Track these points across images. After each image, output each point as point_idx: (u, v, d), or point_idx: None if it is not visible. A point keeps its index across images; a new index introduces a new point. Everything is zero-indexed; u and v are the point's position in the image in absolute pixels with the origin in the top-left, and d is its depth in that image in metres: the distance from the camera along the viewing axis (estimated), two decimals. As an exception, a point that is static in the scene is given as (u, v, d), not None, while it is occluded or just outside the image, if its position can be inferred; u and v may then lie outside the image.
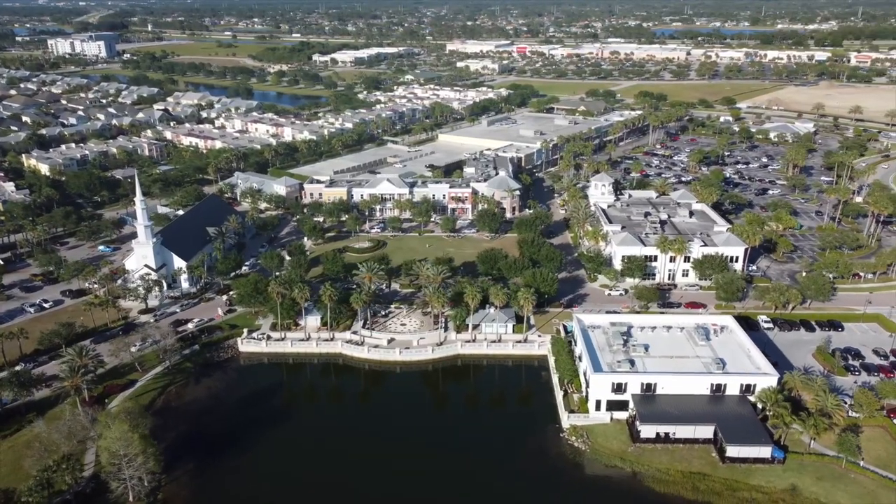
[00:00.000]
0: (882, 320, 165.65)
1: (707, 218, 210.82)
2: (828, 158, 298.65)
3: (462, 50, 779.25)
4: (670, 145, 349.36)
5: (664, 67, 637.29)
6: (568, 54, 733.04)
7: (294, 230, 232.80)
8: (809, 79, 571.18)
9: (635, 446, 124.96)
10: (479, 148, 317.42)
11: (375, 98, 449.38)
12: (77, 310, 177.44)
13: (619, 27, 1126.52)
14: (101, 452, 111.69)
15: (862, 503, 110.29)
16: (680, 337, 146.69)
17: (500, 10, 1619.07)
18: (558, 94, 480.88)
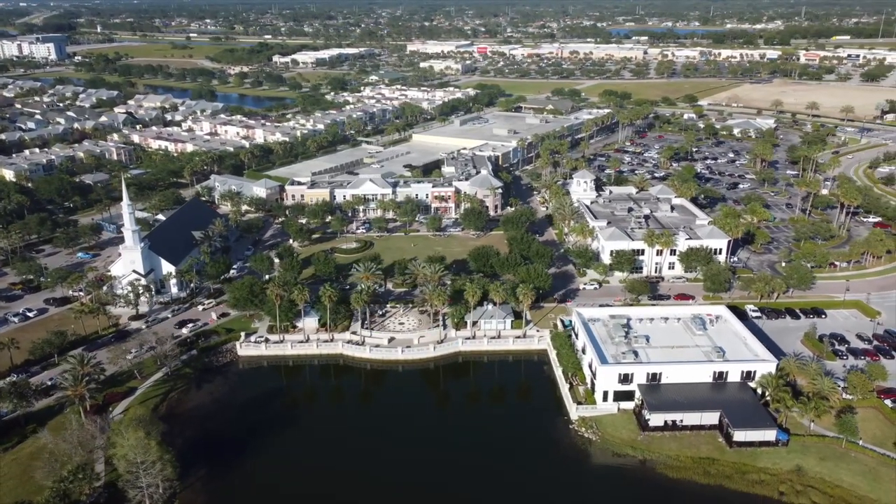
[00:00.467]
0: (861, 306, 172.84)
1: (688, 212, 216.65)
2: (792, 153, 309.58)
3: (423, 50, 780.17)
4: (639, 142, 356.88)
5: (623, 66, 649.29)
6: (528, 54, 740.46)
7: (278, 232, 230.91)
8: (763, 76, 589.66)
9: (644, 435, 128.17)
10: (453, 147, 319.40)
11: (343, 99, 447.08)
12: (64, 318, 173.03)
13: (575, 27, 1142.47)
14: (118, 461, 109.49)
15: (864, 480, 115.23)
16: (677, 327, 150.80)
17: (456, 10, 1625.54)
18: (524, 93, 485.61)
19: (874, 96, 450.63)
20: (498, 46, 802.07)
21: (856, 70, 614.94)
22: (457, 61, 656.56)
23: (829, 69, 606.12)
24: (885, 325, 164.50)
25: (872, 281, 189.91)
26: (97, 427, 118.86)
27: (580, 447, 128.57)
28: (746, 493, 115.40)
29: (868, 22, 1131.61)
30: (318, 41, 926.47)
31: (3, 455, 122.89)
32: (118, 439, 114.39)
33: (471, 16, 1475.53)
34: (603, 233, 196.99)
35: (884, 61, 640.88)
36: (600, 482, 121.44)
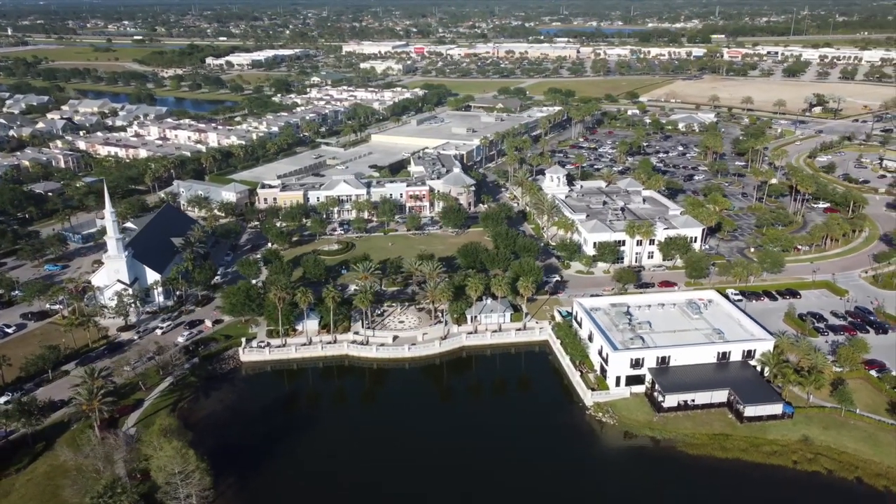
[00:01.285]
0: (830, 286, 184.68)
1: (658, 203, 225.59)
2: (738, 145, 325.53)
3: (360, 51, 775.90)
4: (591, 138, 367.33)
5: (560, 65, 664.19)
6: (465, 54, 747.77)
7: (254, 236, 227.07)
8: (693, 73, 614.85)
9: (659, 416, 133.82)
10: (414, 147, 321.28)
11: (291, 101, 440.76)
12: (46, 333, 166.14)
13: (504, 27, 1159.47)
14: (157, 472, 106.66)
15: (866, 445, 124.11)
16: (674, 312, 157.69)
17: (383, 11, 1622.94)
18: (469, 92, 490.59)
19: (799, 90, 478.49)
20: (434, 47, 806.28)
21: (776, 66, 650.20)
22: (397, 62, 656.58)
23: (753, 65, 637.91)
24: (853, 302, 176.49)
25: (834, 262, 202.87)
26: (122, 440, 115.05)
27: (600, 431, 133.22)
28: (763, 464, 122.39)
29: (778, 21, 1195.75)
30: (249, 42, 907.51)
31: (17, 476, 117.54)
32: (148, 450, 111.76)
33: (399, 16, 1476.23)
34: (585, 225, 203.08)
35: (800, 58, 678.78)
36: (627, 462, 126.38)
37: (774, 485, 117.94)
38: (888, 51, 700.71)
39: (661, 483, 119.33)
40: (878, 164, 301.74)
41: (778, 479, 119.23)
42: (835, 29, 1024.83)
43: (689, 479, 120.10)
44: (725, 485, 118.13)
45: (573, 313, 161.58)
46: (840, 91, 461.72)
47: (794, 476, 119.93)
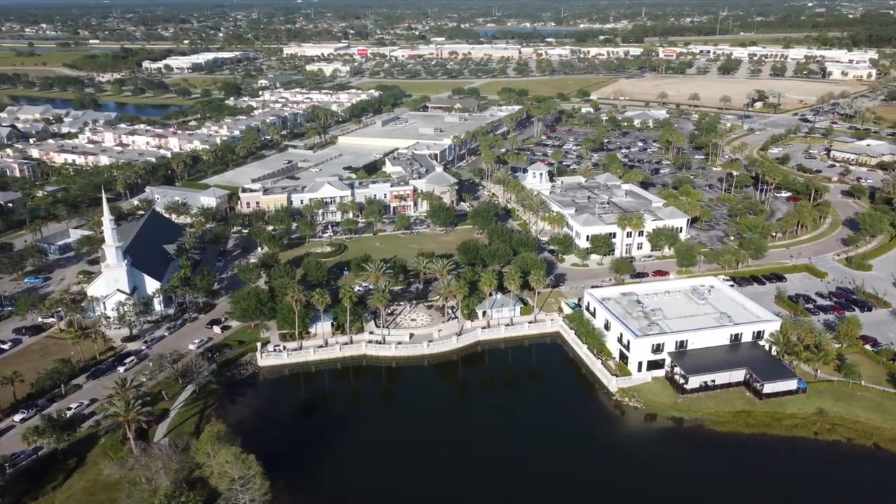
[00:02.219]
0: (810, 269, 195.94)
1: (640, 196, 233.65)
2: (696, 139, 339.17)
3: (302, 53, 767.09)
4: (553, 136, 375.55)
5: (505, 66, 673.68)
6: (409, 55, 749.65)
7: (240, 241, 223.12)
8: (633, 71, 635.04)
9: (683, 397, 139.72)
10: (383, 148, 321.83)
11: (246, 104, 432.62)
12: (45, 347, 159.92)
13: (441, 28, 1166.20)
14: (218, 479, 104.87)
15: (876, 414, 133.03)
16: (681, 299, 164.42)
17: (314, 13, 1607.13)
18: (421, 93, 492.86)
19: (737, 87, 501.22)
20: (377, 48, 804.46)
21: (709, 64, 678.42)
22: (343, 63, 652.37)
23: (688, 64, 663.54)
24: (834, 283, 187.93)
25: (808, 247, 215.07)
26: (169, 449, 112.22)
27: (629, 415, 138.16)
28: (787, 437, 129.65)
29: (702, 21, 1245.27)
30: (183, 45, 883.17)
31: (54, 494, 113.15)
32: (201, 458, 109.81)
33: (331, 18, 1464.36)
34: (577, 219, 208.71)
35: (731, 56, 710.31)
36: (661, 441, 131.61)
37: (802, 455, 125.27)
38: (810, 49, 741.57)
39: (697, 458, 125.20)
40: (826, 154, 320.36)
41: (804, 449, 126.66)
42: (756, 29, 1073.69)
43: (722, 454, 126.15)
44: (757, 458, 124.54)
45: (585, 304, 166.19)
46: (773, 87, 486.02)
47: (818, 446, 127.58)
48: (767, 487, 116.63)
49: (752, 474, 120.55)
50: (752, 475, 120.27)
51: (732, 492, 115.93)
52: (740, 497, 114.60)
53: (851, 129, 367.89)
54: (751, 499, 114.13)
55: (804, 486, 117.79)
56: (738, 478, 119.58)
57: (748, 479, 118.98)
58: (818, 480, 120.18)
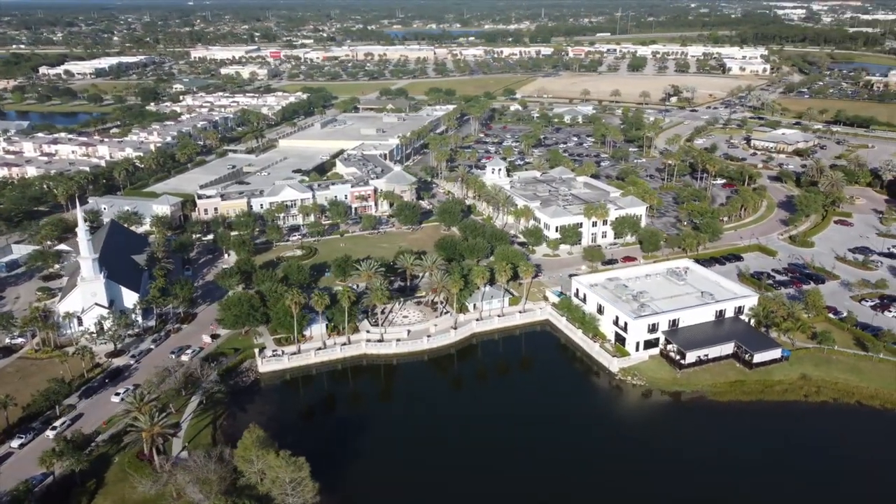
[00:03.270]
0: (762, 248, 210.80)
1: (597, 188, 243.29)
2: (628, 132, 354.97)
3: (211, 56, 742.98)
4: (489, 133, 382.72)
5: (423, 66, 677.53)
6: (324, 57, 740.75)
7: (204, 249, 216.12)
8: (549, 70, 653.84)
9: (681, 372, 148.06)
10: (328, 149, 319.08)
11: (170, 109, 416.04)
12: (22, 368, 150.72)
13: (348, 30, 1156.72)
14: (271, 484, 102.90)
15: (852, 375, 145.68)
16: (662, 281, 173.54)
17: (211, 15, 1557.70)
18: (346, 94, 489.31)
19: (652, 83, 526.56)
20: (289, 51, 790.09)
21: (617, 62, 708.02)
22: (260, 66, 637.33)
23: (598, 62, 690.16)
24: (784, 260, 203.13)
25: (752, 228, 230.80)
26: (208, 459, 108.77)
27: (634, 392, 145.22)
28: (781, 401, 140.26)
29: (599, 21, 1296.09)
30: (77, 50, 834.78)
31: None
32: (244, 465, 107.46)
33: (230, 20, 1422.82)
34: (545, 211, 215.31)
35: (636, 54, 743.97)
36: (668, 414, 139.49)
37: (796, 416, 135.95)
38: (706, 46, 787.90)
39: (706, 426, 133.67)
40: (747, 143, 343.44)
41: (797, 411, 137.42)
42: (652, 29, 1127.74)
43: (728, 421, 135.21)
44: (758, 422, 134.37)
45: (573, 291, 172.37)
46: (684, 82, 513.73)
47: (808, 407, 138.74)
48: (772, 447, 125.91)
49: (756, 436, 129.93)
50: (756, 437, 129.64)
51: (743, 453, 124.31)
52: (750, 457, 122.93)
53: (762, 120, 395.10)
54: (760, 458, 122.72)
55: (803, 443, 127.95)
56: (746, 440, 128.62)
57: (754, 441, 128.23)
58: (814, 437, 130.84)
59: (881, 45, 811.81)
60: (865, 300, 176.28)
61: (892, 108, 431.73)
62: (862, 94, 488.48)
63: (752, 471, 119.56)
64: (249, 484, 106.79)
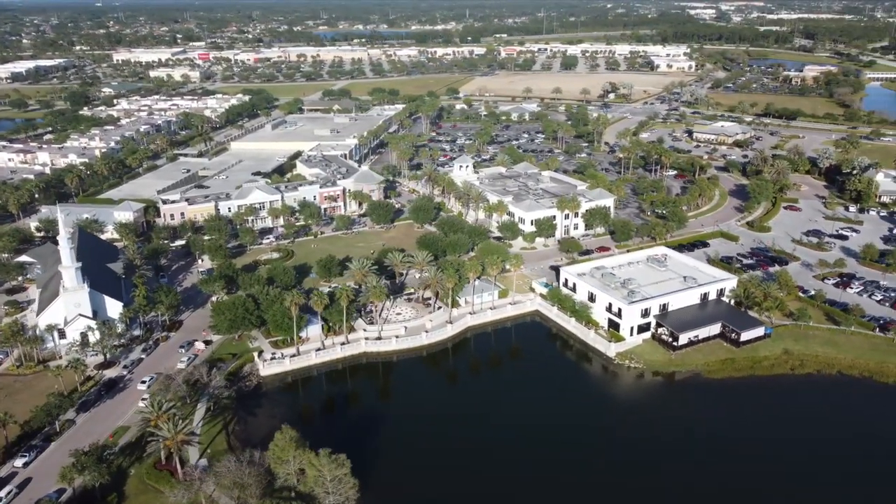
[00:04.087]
0: (724, 234, 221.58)
1: (563, 181, 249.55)
2: (578, 128, 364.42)
3: (136, 59, 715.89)
4: (441, 132, 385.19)
5: (359, 67, 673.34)
6: (255, 59, 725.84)
7: (175, 255, 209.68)
8: (485, 69, 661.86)
9: (675, 354, 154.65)
10: (284, 151, 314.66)
11: (106, 113, 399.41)
12: (6, 386, 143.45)
13: (274, 31, 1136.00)
14: (314, 482, 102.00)
15: (829, 348, 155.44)
16: (644, 268, 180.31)
17: (125, 16, 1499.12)
18: (287, 96, 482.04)
19: (588, 80, 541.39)
20: (218, 52, 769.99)
21: (549, 61, 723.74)
22: (192, 68, 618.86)
23: (532, 61, 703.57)
24: (746, 245, 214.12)
25: (711, 216, 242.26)
26: (240, 463, 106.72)
27: (632, 374, 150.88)
28: (770, 375, 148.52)
29: (523, 21, 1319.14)
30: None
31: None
32: (280, 467, 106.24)
33: (145, 22, 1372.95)
34: (520, 206, 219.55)
35: (567, 53, 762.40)
36: (669, 393, 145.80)
37: (788, 388, 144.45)
38: (631, 45, 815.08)
39: (706, 402, 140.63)
40: (689, 136, 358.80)
41: (786, 384, 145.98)
42: (578, 28, 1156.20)
43: (724, 396, 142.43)
44: (755, 396, 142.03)
45: (562, 281, 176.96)
46: (620, 80, 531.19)
47: (796, 379, 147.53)
48: (768, 417, 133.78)
49: (756, 409, 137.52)
50: (756, 409, 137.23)
51: (747, 424, 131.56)
52: (750, 427, 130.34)
53: (699, 115, 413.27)
54: (759, 427, 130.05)
55: (796, 412, 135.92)
56: (747, 413, 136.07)
57: (752, 412, 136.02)
58: (805, 406, 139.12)
59: (791, 43, 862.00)
60: (827, 279, 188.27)
61: (814, 101, 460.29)
62: (783, 89, 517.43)
63: (758, 440, 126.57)
64: (287, 485, 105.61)
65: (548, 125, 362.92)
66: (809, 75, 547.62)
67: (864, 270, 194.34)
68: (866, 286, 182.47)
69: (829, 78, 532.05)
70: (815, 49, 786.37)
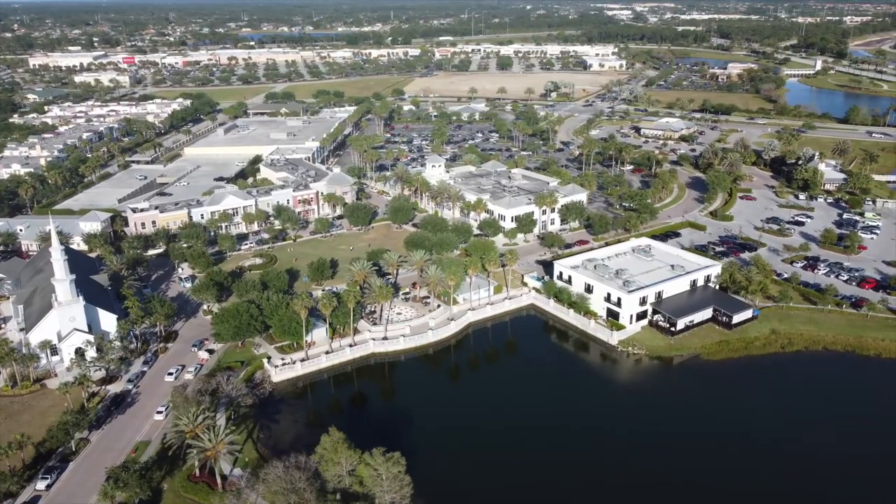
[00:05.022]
0: (692, 224, 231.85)
1: (535, 178, 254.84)
2: (533, 126, 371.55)
3: (55, 64, 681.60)
4: (395, 133, 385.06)
5: (294, 69, 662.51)
6: (185, 63, 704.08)
7: (151, 264, 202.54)
8: (422, 70, 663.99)
9: (674, 339, 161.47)
10: (242, 156, 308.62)
11: (40, 121, 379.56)
12: (4, 408, 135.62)
13: (197, 34, 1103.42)
14: (371, 482, 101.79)
15: (812, 326, 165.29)
16: (631, 259, 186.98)
17: (30, 18, 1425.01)
18: (227, 100, 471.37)
19: (531, 80, 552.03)
20: (143, 56, 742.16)
21: (484, 61, 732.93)
22: (119, 73, 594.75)
23: (468, 62, 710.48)
24: (713, 234, 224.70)
25: (674, 208, 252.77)
26: (287, 469, 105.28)
27: (638, 360, 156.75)
28: (764, 354, 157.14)
29: (449, 23, 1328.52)
30: None
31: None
32: (333, 468, 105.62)
33: (53, 24, 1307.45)
34: (500, 203, 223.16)
35: (499, 53, 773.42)
36: (674, 375, 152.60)
37: (783, 365, 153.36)
38: (561, 45, 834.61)
39: (709, 382, 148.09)
40: (636, 132, 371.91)
41: (782, 361, 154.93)
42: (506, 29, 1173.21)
43: (725, 376, 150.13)
44: (755, 374, 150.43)
45: (557, 274, 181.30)
46: (551, 79, 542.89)
47: (788, 357, 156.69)
48: (768, 392, 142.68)
49: (758, 385, 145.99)
50: (758, 386, 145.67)
51: (754, 400, 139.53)
52: (754, 402, 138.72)
53: (640, 112, 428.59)
54: (770, 403, 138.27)
55: (792, 386, 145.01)
56: (746, 389, 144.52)
57: (753, 389, 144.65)
58: (799, 380, 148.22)
59: (709, 42, 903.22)
60: (795, 262, 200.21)
61: (742, 97, 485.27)
62: (712, 86, 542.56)
63: (765, 413, 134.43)
64: (340, 487, 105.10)
65: (501, 124, 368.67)
66: (734, 72, 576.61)
67: (826, 253, 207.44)
68: (832, 268, 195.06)
69: (752, 75, 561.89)
70: (732, 48, 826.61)
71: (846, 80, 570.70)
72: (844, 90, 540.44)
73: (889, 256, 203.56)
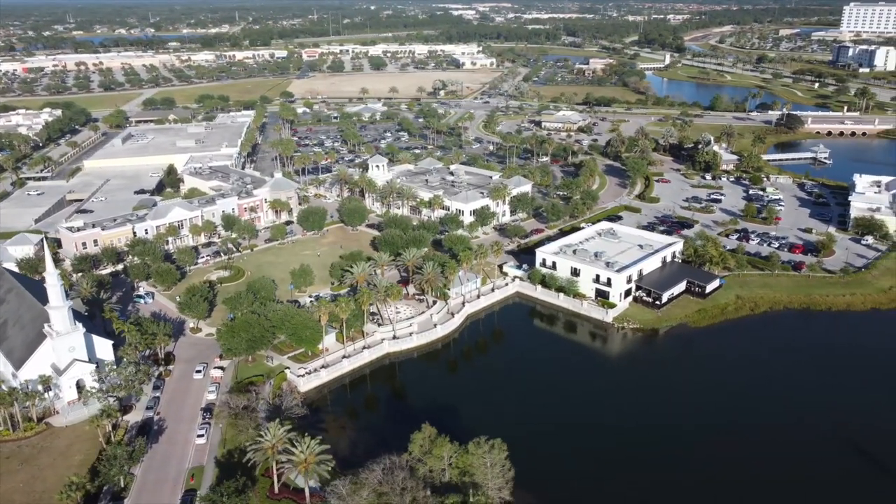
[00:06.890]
0: (628, 207, 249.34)
1: (477, 173, 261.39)
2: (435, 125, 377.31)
3: None
4: (301, 136, 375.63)
5: (159, 75, 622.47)
6: (24, 69, 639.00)
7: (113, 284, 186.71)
8: (297, 72, 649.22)
9: (660, 311, 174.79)
10: (152, 166, 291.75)
11: None
12: (13, 454, 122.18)
13: (38, 38, 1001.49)
14: (478, 471, 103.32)
15: (768, 290, 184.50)
16: (601, 241, 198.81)
17: None
18: (97, 108, 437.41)
19: (417, 79, 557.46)
20: None
21: (357, 62, 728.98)
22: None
23: (340, 63, 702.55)
24: (649, 215, 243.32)
25: (603, 194, 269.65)
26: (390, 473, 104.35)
27: (634, 334, 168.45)
28: (738, 318, 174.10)
29: (301, 23, 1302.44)
30: None
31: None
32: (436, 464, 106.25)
33: None
34: (457, 199, 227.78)
35: (367, 53, 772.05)
36: (669, 343, 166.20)
37: (755, 327, 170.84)
38: (427, 45, 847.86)
39: (702, 346, 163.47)
40: (538, 126, 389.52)
41: (753, 323, 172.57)
42: (364, 30, 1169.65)
43: (713, 340, 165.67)
44: (739, 334, 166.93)
45: (539, 261, 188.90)
46: (430, 78, 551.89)
47: (759, 317, 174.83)
48: (750, 349, 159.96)
49: (736, 344, 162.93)
50: (737, 345, 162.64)
51: (734, 358, 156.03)
52: (741, 360, 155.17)
53: (530, 107, 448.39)
54: (763, 357, 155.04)
55: (769, 343, 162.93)
56: (732, 349, 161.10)
57: (737, 347, 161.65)
58: (773, 338, 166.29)
59: (560, 40, 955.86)
60: (730, 235, 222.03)
61: (613, 89, 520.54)
62: (582, 80, 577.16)
63: (760, 365, 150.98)
64: (446, 481, 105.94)
65: (408, 123, 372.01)
66: (598, 67, 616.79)
67: (750, 225, 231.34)
68: (762, 238, 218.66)
69: (613, 69, 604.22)
70: (584, 45, 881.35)
71: (695, 72, 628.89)
72: (695, 81, 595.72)
73: (801, 224, 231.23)
